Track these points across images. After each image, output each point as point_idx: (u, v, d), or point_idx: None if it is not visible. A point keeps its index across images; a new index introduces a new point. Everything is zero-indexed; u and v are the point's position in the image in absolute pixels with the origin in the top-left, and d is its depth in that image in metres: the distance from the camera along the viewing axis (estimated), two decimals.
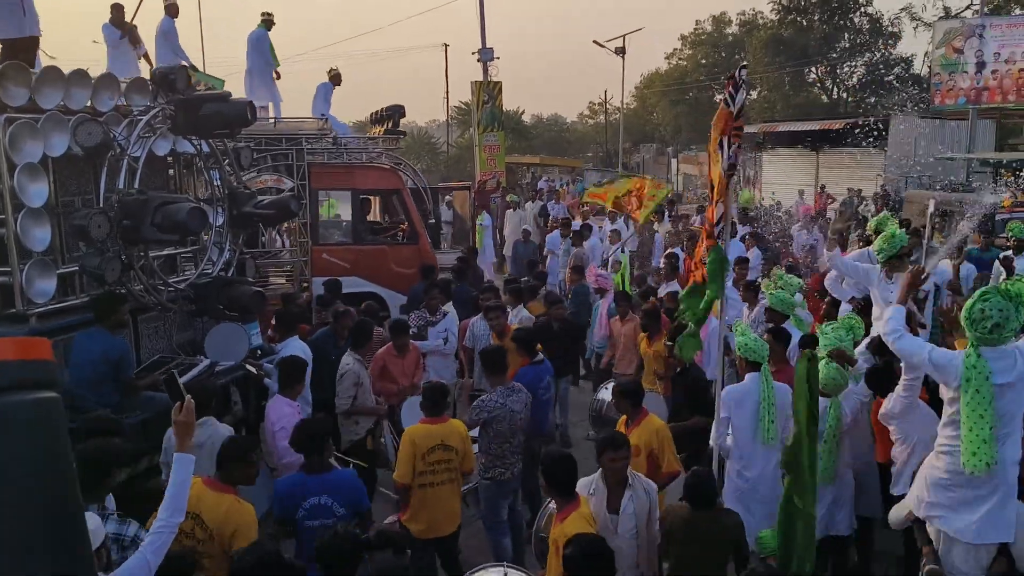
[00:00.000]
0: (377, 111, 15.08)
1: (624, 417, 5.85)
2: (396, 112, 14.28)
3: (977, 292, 4.35)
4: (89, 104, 6.74)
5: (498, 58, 25.59)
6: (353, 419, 7.31)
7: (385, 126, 14.27)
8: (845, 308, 7.87)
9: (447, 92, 49.80)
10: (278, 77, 14.02)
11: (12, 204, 5.86)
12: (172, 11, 12.29)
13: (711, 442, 6.21)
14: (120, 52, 11.22)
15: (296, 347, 7.48)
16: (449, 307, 9.36)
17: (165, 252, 7.75)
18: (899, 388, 5.34)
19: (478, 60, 25.64)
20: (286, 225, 12.86)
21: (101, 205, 6.48)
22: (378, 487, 7.35)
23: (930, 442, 4.78)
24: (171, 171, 8.19)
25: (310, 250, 11.98)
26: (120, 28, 11.24)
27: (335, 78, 14.63)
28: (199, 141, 7.83)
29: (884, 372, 5.82)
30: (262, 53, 13.61)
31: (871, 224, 8.36)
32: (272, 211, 8.53)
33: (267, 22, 13.69)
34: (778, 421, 5.76)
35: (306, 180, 11.76)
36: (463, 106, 48.10)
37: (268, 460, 6.05)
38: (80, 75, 6.67)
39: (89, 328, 6.33)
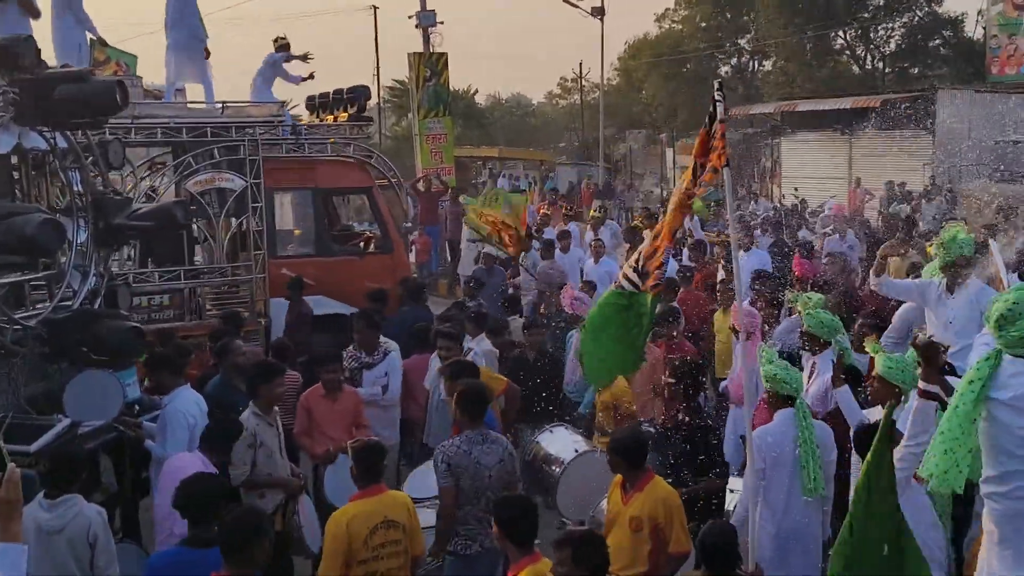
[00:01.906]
0: (329, 93, 15.21)
1: (619, 479, 5.83)
2: (361, 94, 14.56)
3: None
4: None
5: (441, 23, 25.73)
6: (257, 492, 7.19)
7: (348, 111, 14.32)
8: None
9: (377, 68, 49.95)
10: (207, 55, 13.88)
11: None
12: None
13: (737, 504, 6.26)
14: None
15: (187, 398, 7.47)
16: (390, 344, 9.34)
17: (9, 279, 7.63)
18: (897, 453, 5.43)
19: (416, 26, 25.68)
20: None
21: None
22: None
23: None
24: (15, 173, 8.09)
25: (266, 264, 12.07)
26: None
27: (283, 48, 14.68)
28: (53, 134, 7.74)
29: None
30: (188, 23, 13.45)
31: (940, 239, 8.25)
32: (151, 223, 8.49)
33: None
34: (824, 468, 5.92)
35: (259, 178, 11.97)
36: (399, 85, 47.99)
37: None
38: None
39: None
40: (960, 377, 5.71)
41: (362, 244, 14.04)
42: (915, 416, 5.20)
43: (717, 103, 6.48)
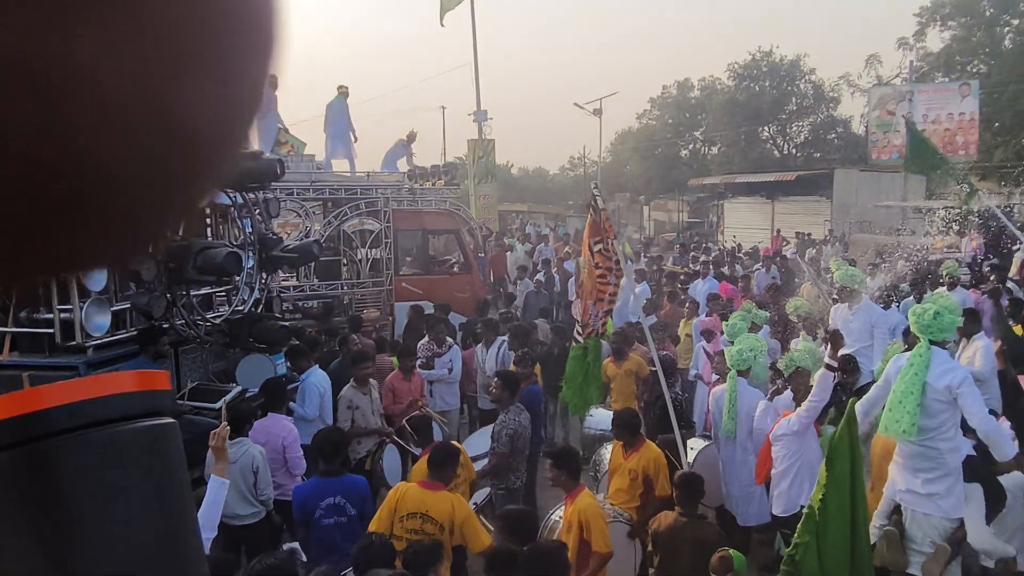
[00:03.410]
0: (435, 166, 15.90)
1: (619, 444, 5.87)
2: (452, 168, 15.54)
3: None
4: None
5: (491, 118, 25.76)
6: (356, 439, 7.24)
7: (443, 179, 14.97)
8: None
9: (444, 148, 50.19)
10: (355, 139, 14.48)
11: None
12: (272, 84, 12.53)
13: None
14: None
15: (317, 376, 7.53)
16: (452, 340, 9.42)
17: (203, 291, 7.78)
18: (802, 408, 5.47)
19: (474, 120, 25.76)
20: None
21: (150, 250, 6.52)
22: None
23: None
24: (209, 220, 8.24)
25: (393, 280, 12.50)
26: None
27: (411, 137, 15.66)
28: (234, 194, 7.90)
29: None
30: (342, 120, 14.10)
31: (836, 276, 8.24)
32: (296, 255, 8.58)
33: (344, 93, 14.16)
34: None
35: (390, 222, 12.32)
36: (459, 160, 48.08)
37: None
38: None
39: (133, 359, 6.35)
40: (854, 367, 5.84)
41: (451, 267, 14.32)
42: (819, 382, 5.25)
43: (596, 197, 6.64)
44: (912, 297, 10.16)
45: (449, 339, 9.36)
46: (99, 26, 0.39)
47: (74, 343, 6.03)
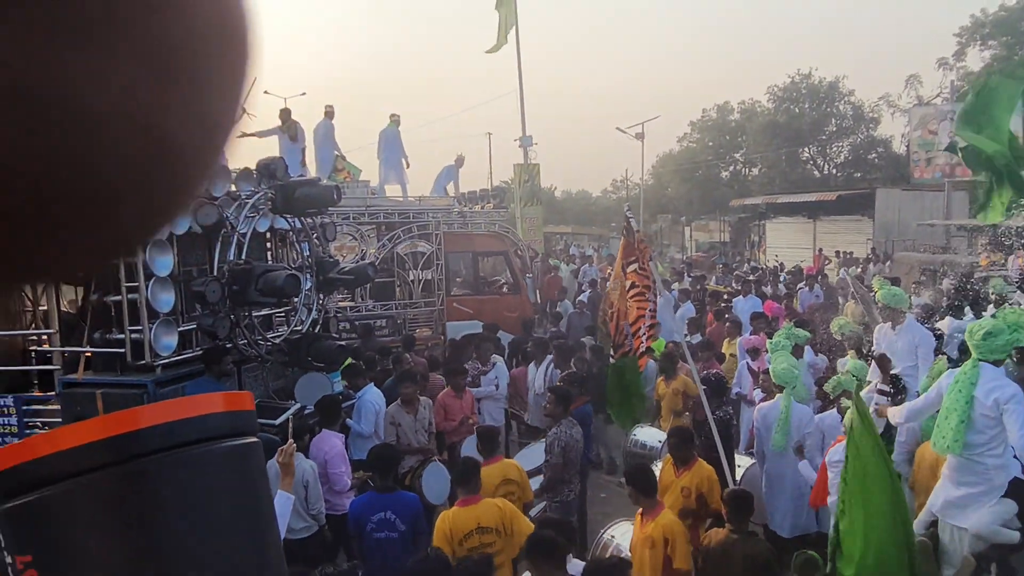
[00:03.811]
0: (484, 190, 16.35)
1: (669, 461, 5.79)
2: (501, 192, 16.22)
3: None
4: (205, 190, 6.96)
5: (536, 144, 25.77)
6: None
7: (492, 203, 15.24)
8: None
9: (491, 173, 50.48)
10: (407, 166, 14.80)
11: (144, 274, 6.07)
12: (329, 114, 13.51)
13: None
14: (286, 148, 12.32)
15: (373, 393, 7.59)
16: (497, 358, 9.43)
17: (264, 312, 7.91)
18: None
19: (519, 146, 25.80)
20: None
21: (215, 274, 6.67)
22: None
23: None
24: (269, 244, 8.39)
25: (444, 300, 12.65)
26: (285, 130, 12.38)
27: (460, 161, 15.79)
28: (293, 219, 8.03)
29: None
30: (394, 147, 14.45)
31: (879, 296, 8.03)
32: (352, 277, 8.68)
33: (396, 121, 14.42)
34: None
35: (441, 245, 12.45)
36: (505, 184, 48.32)
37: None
38: None
39: (198, 378, 6.48)
40: (902, 387, 5.71)
41: (500, 287, 14.41)
42: (875, 409, 5.17)
43: (629, 219, 6.60)
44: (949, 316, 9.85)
45: (495, 356, 9.38)
46: (83, 42, 0.41)
47: (143, 362, 6.18)
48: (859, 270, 21.24)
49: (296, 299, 8.35)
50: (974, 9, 36.68)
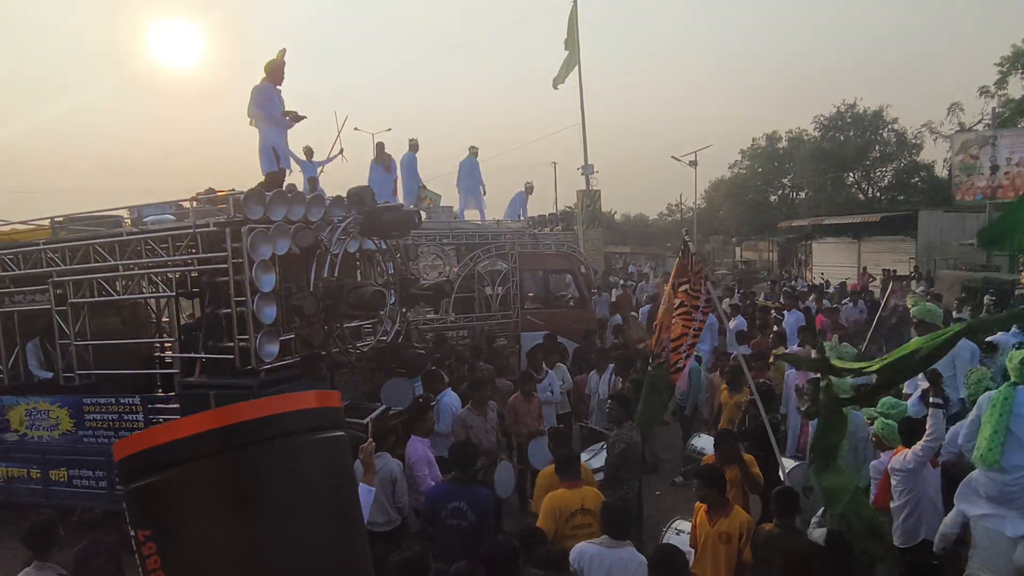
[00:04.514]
0: (552, 214, 16.33)
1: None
2: (567, 216, 16.45)
3: None
4: (304, 216, 7.14)
5: (598, 172, 25.69)
6: None
7: (560, 225, 15.39)
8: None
9: (556, 199, 50.55)
10: (484, 192, 15.01)
11: (251, 290, 6.28)
12: (414, 147, 13.79)
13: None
14: (379, 178, 12.62)
15: (450, 397, 7.62)
16: (560, 366, 9.36)
17: (354, 324, 8.07)
18: (917, 446, 5.02)
19: (582, 174, 25.75)
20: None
21: (311, 289, 6.85)
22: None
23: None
24: (359, 263, 8.52)
25: (519, 313, 12.84)
26: (380, 162, 12.74)
27: (530, 188, 15.90)
28: (379, 241, 8.19)
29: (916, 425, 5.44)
30: (474, 176, 14.65)
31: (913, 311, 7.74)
32: (431, 292, 8.79)
33: (474, 152, 14.60)
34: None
35: (516, 263, 12.68)
36: (569, 209, 48.41)
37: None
38: (297, 196, 7.13)
39: (297, 381, 6.64)
40: (944, 400, 5.38)
41: (568, 301, 14.30)
42: (931, 420, 4.90)
43: (687, 242, 6.43)
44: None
45: (556, 365, 9.31)
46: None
47: (250, 367, 6.37)
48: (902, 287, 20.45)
49: (382, 312, 8.54)
50: (1015, 39, 34.95)
